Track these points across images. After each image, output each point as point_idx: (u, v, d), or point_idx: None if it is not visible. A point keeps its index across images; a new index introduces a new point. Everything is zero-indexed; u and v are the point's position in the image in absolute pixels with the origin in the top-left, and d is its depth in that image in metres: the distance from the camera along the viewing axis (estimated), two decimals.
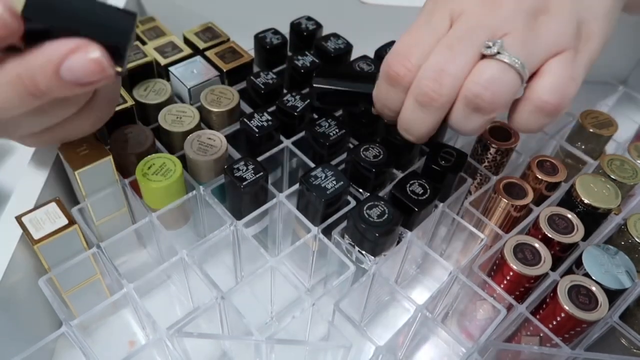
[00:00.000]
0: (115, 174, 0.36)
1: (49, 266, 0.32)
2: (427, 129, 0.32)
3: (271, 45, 0.45)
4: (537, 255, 0.34)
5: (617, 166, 0.40)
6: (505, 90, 0.29)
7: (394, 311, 0.43)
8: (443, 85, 0.29)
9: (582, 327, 0.32)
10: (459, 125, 0.31)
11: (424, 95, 0.30)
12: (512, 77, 0.29)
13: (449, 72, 0.29)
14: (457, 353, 0.33)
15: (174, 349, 0.30)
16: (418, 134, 0.33)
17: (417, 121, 0.32)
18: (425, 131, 0.32)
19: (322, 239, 0.35)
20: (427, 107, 0.30)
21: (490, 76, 0.29)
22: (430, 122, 0.31)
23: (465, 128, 0.31)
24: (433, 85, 0.29)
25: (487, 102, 0.29)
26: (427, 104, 0.30)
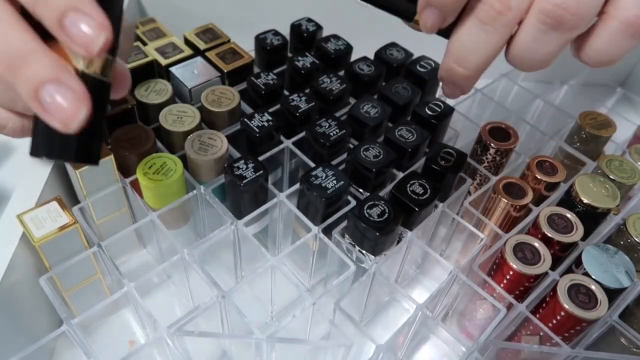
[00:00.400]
0: (116, 174, 0.36)
1: (49, 265, 0.32)
2: (486, 57, 0.26)
3: (272, 46, 0.46)
4: (536, 255, 0.34)
5: (616, 166, 0.41)
6: (589, 3, 0.24)
7: (394, 311, 0.43)
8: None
9: (582, 326, 0.32)
10: (529, 49, 0.25)
11: (489, 10, 0.24)
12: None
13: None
14: (457, 353, 0.34)
15: (175, 348, 0.30)
16: (473, 65, 0.26)
17: (475, 46, 0.26)
18: (482, 60, 0.26)
19: (323, 238, 0.35)
20: (490, 24, 0.25)
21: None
22: (491, 48, 0.26)
23: (535, 54, 0.25)
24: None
25: (572, 12, 0.23)
26: (492, 21, 0.25)
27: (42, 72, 0.21)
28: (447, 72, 0.27)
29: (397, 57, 0.47)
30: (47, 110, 0.21)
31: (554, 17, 0.24)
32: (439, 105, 0.43)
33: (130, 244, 0.43)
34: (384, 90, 0.43)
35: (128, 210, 0.39)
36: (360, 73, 0.44)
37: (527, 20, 0.25)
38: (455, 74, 0.27)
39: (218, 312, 0.33)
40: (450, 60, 0.27)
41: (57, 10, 0.21)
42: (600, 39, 0.25)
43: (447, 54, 0.27)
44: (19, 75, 0.21)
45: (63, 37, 0.21)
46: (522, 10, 0.24)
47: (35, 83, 0.21)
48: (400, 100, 0.43)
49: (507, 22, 0.25)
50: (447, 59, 0.27)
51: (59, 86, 0.21)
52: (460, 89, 0.28)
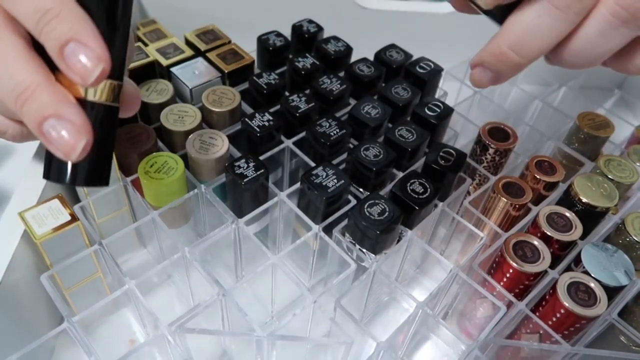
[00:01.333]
0: (117, 173, 0.36)
1: (50, 262, 0.32)
2: (547, 45, 0.24)
3: (274, 47, 0.46)
4: (536, 253, 0.35)
5: (614, 166, 0.41)
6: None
7: (394, 311, 0.44)
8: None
9: (582, 324, 0.32)
10: (592, 44, 0.24)
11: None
12: None
13: None
14: (457, 351, 0.34)
15: (176, 346, 0.30)
16: (531, 52, 0.24)
17: (540, 32, 0.24)
18: (542, 48, 0.24)
19: (323, 237, 0.35)
20: (563, 10, 0.23)
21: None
22: (555, 35, 0.24)
23: (596, 50, 0.24)
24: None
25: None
26: (565, 7, 0.23)
27: (44, 107, 0.22)
28: (494, 58, 0.25)
29: (397, 58, 0.48)
30: (50, 142, 0.22)
31: (630, 10, 0.22)
32: (438, 105, 0.43)
33: (131, 243, 0.43)
34: (383, 91, 0.44)
35: (129, 209, 0.39)
36: (360, 74, 0.45)
37: (597, 12, 0.23)
38: (507, 60, 0.25)
39: (219, 310, 0.33)
40: (504, 44, 0.25)
41: (58, 40, 0.22)
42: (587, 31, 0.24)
43: (500, 37, 0.25)
44: (25, 109, 0.22)
45: (62, 66, 0.22)
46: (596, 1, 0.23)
47: (39, 117, 0.22)
48: (400, 101, 0.43)
49: (581, 10, 0.23)
50: (499, 42, 0.25)
51: (59, 120, 0.22)
52: (498, 78, 0.26)
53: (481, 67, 0.26)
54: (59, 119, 0.22)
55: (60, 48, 0.22)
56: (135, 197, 0.37)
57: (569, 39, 0.24)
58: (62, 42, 0.22)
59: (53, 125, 0.22)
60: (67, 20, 0.22)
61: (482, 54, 0.26)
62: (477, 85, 0.27)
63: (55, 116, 0.22)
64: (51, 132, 0.22)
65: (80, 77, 0.22)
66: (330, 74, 0.44)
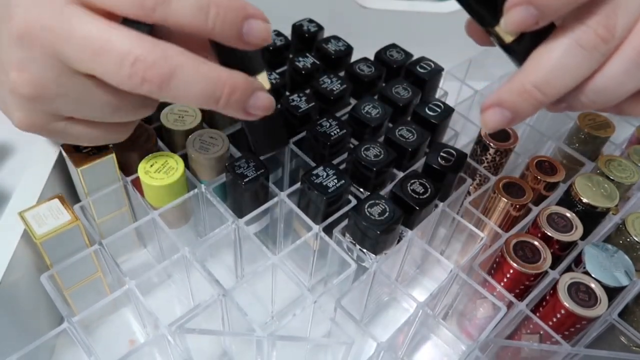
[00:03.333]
0: (117, 172, 0.36)
1: (50, 262, 0.32)
2: (572, 83, 0.24)
3: (274, 47, 0.46)
4: (537, 253, 0.35)
5: (614, 166, 0.41)
6: None
7: (394, 312, 0.43)
8: (618, 24, 0.23)
9: (582, 324, 0.32)
10: (617, 83, 0.24)
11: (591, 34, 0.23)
12: None
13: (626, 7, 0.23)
14: (457, 351, 0.34)
15: (176, 346, 0.30)
16: (555, 91, 0.24)
17: (567, 70, 0.24)
18: (569, 86, 0.24)
19: (324, 237, 0.35)
20: (589, 50, 0.23)
21: None
22: (581, 74, 0.24)
23: (620, 89, 0.24)
24: (606, 22, 0.23)
25: None
26: (592, 47, 0.23)
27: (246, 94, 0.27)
28: (518, 96, 0.24)
29: (397, 58, 0.48)
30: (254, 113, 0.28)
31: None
32: (439, 105, 0.43)
33: (131, 243, 0.43)
34: (384, 91, 0.44)
35: (129, 208, 0.39)
36: (360, 74, 0.45)
37: (622, 51, 0.23)
38: (530, 98, 0.24)
39: (219, 310, 0.33)
40: (529, 82, 0.24)
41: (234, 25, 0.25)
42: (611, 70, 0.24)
43: (524, 75, 0.24)
44: (231, 102, 0.26)
45: (241, 44, 0.26)
46: (623, 39, 0.23)
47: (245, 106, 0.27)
48: (400, 101, 0.43)
49: (607, 51, 0.23)
50: (523, 80, 0.24)
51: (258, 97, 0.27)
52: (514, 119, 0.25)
53: (498, 107, 0.25)
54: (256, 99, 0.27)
55: (233, 29, 0.25)
56: (135, 197, 0.37)
57: (592, 78, 0.24)
58: (237, 26, 0.25)
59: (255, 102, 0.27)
60: (230, 2, 0.25)
61: (502, 93, 0.25)
62: (491, 128, 0.26)
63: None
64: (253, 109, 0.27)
65: (262, 42, 0.26)
66: (331, 74, 0.44)
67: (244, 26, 0.25)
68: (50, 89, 0.27)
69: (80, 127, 0.30)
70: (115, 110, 0.28)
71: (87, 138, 0.31)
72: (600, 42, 0.23)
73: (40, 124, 0.29)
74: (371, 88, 0.45)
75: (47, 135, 0.30)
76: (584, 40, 0.23)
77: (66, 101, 0.28)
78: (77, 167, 0.33)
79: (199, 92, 0.25)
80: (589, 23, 0.23)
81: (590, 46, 0.23)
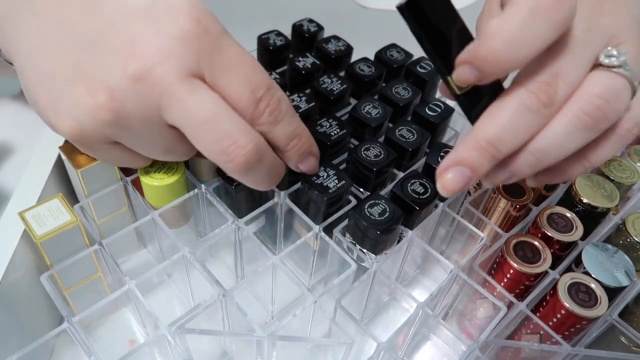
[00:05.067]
0: (117, 172, 0.36)
1: (50, 262, 0.32)
2: (522, 141, 0.26)
3: (274, 47, 0.46)
4: (537, 254, 0.35)
5: (615, 167, 0.41)
6: (622, 109, 0.26)
7: (394, 312, 0.43)
8: (559, 90, 0.25)
9: (582, 325, 0.32)
10: (558, 143, 0.26)
11: (534, 99, 0.25)
12: (628, 96, 0.26)
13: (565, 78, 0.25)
14: (457, 352, 0.34)
15: (176, 346, 0.30)
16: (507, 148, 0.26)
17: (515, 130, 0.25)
18: (518, 144, 0.26)
19: (324, 237, 0.35)
20: (534, 112, 0.25)
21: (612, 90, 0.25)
22: (529, 133, 0.26)
23: (562, 148, 0.26)
24: (547, 89, 0.25)
25: (606, 118, 0.25)
26: (536, 110, 0.25)
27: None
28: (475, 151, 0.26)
29: (397, 58, 0.48)
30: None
31: (590, 119, 0.25)
32: (439, 105, 0.43)
33: (131, 243, 0.43)
34: (384, 91, 0.44)
35: (129, 208, 0.39)
36: (360, 74, 0.45)
37: (564, 114, 0.25)
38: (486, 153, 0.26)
39: (219, 310, 0.33)
40: (482, 138, 0.26)
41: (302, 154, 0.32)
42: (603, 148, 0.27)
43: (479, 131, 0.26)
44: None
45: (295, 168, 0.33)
46: (562, 105, 0.25)
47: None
48: (400, 101, 0.43)
49: (549, 114, 0.25)
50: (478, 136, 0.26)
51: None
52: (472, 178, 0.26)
53: (456, 166, 0.26)
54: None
55: (300, 157, 0.32)
56: (135, 196, 0.37)
57: (536, 138, 0.26)
58: (303, 156, 0.32)
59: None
60: (307, 140, 0.32)
61: (458, 151, 0.26)
62: (451, 191, 0.27)
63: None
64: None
65: (308, 173, 0.34)
66: (331, 74, 0.44)
67: (305, 159, 0.32)
68: (131, 126, 0.27)
69: (124, 154, 0.31)
70: (168, 154, 0.31)
71: (122, 163, 0.32)
72: (542, 106, 0.25)
73: (89, 141, 0.29)
74: (371, 88, 0.45)
75: (84, 149, 0.30)
76: (528, 103, 0.25)
77: (135, 138, 0.29)
78: (77, 169, 0.33)
79: (269, 180, 0.31)
80: (531, 89, 0.25)
81: (534, 109, 0.25)
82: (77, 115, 0.27)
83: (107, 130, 0.28)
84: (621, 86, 0.25)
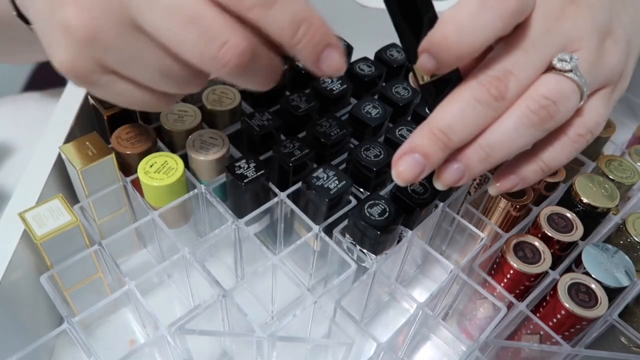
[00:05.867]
0: (117, 173, 0.36)
1: (50, 263, 0.32)
2: (473, 132, 0.26)
3: None
4: (537, 254, 0.35)
5: (615, 166, 0.41)
6: (569, 111, 0.26)
7: (394, 311, 0.43)
8: (510, 87, 0.26)
9: (582, 325, 0.32)
10: (508, 138, 0.26)
11: (484, 92, 0.26)
12: (576, 101, 0.26)
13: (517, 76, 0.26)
14: (457, 352, 0.34)
15: (176, 347, 0.30)
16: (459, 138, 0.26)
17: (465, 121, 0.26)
18: (470, 135, 0.26)
19: (324, 237, 0.35)
20: (484, 105, 0.26)
21: (560, 92, 0.26)
22: (480, 124, 0.26)
23: (512, 144, 0.26)
24: (498, 84, 0.26)
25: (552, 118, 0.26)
26: (486, 103, 0.26)
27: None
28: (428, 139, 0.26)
29: (397, 57, 0.48)
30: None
31: (537, 116, 0.26)
32: None
33: (131, 243, 0.43)
34: (384, 91, 0.44)
35: (129, 209, 0.39)
36: (360, 73, 0.45)
37: (514, 111, 0.26)
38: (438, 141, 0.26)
39: (219, 311, 0.33)
40: (435, 126, 0.26)
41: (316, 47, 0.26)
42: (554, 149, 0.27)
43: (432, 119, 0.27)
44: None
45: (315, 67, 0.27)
46: (514, 100, 0.26)
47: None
48: (400, 101, 0.43)
49: (499, 108, 0.26)
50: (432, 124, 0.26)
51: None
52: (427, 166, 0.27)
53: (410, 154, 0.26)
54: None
55: (315, 51, 0.26)
56: (135, 197, 0.37)
57: (486, 132, 0.26)
58: (319, 49, 0.26)
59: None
60: (320, 26, 0.25)
61: (413, 138, 0.27)
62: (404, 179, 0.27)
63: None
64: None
65: (334, 73, 0.27)
66: None
67: (323, 53, 0.26)
68: (107, 38, 0.25)
69: (124, 85, 0.28)
70: (166, 78, 0.27)
71: (128, 99, 0.29)
72: (492, 99, 0.26)
73: (83, 72, 0.27)
74: (371, 88, 0.45)
75: (87, 86, 0.28)
76: (479, 96, 0.26)
77: (119, 55, 0.26)
78: (77, 169, 0.33)
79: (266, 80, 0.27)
80: (483, 81, 0.26)
81: (484, 102, 0.26)
82: (60, 43, 0.26)
83: (90, 52, 0.26)
84: (569, 90, 0.26)
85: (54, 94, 0.55)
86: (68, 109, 0.40)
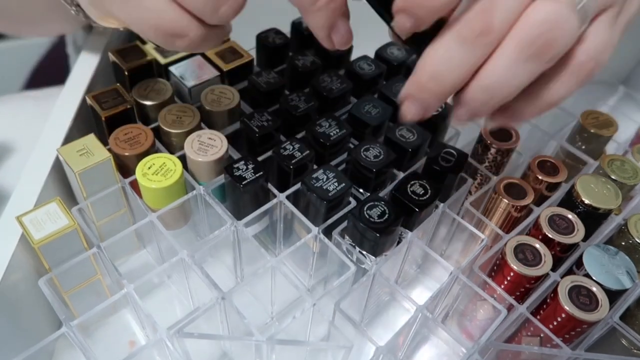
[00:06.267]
0: (116, 174, 0.36)
1: (49, 266, 0.32)
2: (462, 75, 0.25)
3: (273, 45, 0.45)
4: (537, 256, 0.34)
5: (617, 166, 0.40)
6: (569, 37, 0.24)
7: (394, 312, 0.43)
8: (495, 17, 0.23)
9: (583, 328, 0.32)
10: (501, 78, 0.24)
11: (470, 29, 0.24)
12: (576, 25, 0.24)
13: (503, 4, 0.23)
14: (457, 353, 0.33)
15: (175, 349, 0.30)
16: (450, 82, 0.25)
17: (452, 63, 0.24)
18: (458, 78, 0.25)
19: (323, 239, 0.35)
20: (470, 43, 0.24)
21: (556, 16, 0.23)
22: (468, 66, 0.24)
23: (506, 85, 0.24)
24: (483, 16, 0.23)
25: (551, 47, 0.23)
26: (472, 40, 0.24)
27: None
28: (419, 90, 0.26)
29: (398, 55, 0.47)
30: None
31: (535, 46, 0.23)
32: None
33: (130, 245, 0.43)
34: (384, 90, 0.43)
35: (127, 210, 0.39)
36: (360, 72, 0.44)
37: (504, 47, 0.24)
38: (429, 89, 0.25)
39: (218, 313, 0.33)
40: (423, 75, 0.25)
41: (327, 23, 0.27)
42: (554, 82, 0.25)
43: (419, 69, 0.26)
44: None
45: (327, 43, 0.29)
46: (503, 33, 0.24)
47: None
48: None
49: (488, 44, 0.24)
50: (419, 74, 0.25)
51: None
52: (426, 109, 0.26)
53: (409, 100, 0.26)
54: None
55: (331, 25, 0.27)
56: (134, 198, 0.37)
57: (478, 75, 0.25)
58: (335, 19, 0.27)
59: None
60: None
61: (407, 86, 0.26)
62: (409, 119, 0.27)
63: None
64: None
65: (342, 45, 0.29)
66: (331, 73, 0.43)
67: (339, 22, 0.28)
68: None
69: None
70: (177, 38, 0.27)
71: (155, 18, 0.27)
72: (479, 34, 0.23)
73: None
74: (372, 87, 0.45)
75: None
76: (464, 33, 0.24)
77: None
78: (74, 170, 0.33)
79: None
80: (467, 18, 0.24)
81: (470, 39, 0.24)
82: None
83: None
84: (565, 11, 0.23)
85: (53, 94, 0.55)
86: (66, 110, 0.40)
